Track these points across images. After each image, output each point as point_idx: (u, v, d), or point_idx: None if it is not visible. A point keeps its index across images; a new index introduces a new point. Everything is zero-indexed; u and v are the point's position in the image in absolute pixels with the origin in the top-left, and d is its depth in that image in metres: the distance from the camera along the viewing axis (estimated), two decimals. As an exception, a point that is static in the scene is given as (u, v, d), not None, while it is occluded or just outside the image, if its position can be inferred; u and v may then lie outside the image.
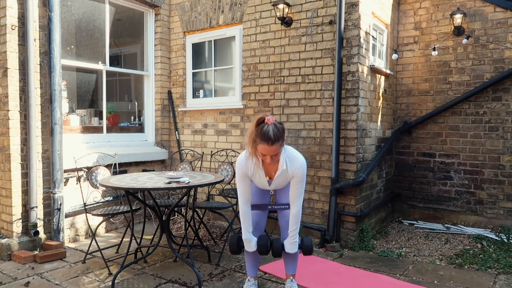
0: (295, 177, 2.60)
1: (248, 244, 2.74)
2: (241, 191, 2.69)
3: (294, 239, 2.71)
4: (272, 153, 2.41)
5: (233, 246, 2.79)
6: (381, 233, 4.54)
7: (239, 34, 4.81)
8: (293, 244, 2.72)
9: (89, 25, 5.07)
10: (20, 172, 3.78)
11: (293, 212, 2.67)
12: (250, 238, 2.73)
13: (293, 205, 2.67)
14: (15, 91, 3.73)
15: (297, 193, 2.64)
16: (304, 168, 2.60)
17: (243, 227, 2.73)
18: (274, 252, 2.74)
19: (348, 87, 4.04)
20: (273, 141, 2.35)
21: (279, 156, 2.51)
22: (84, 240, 4.29)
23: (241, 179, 2.65)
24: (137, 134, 5.33)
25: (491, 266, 3.49)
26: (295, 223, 2.68)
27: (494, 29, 4.51)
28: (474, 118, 4.68)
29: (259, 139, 2.38)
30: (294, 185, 2.63)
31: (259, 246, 2.71)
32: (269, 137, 2.34)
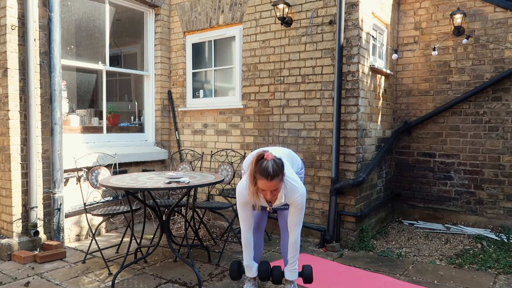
0: (293, 205, 2.61)
1: (249, 270, 2.80)
2: (242, 219, 2.70)
3: (293, 266, 2.74)
4: (272, 188, 2.42)
5: (233, 272, 2.84)
6: (381, 233, 4.54)
7: (239, 34, 4.81)
8: (292, 272, 2.76)
9: (89, 25, 5.07)
10: (20, 172, 3.78)
11: (291, 240, 2.69)
12: (251, 265, 2.79)
13: (292, 233, 2.68)
14: (15, 91, 3.73)
15: (296, 220, 2.65)
16: (303, 198, 2.59)
17: (244, 254, 2.77)
18: (274, 279, 2.81)
19: (348, 87, 4.04)
20: (272, 176, 2.37)
21: (278, 191, 2.50)
22: (84, 240, 4.30)
23: (243, 207, 2.66)
24: (137, 134, 5.33)
25: (491, 266, 3.49)
26: (294, 250, 2.70)
27: (494, 29, 4.51)
28: (474, 118, 4.68)
29: (258, 175, 2.41)
30: (293, 212, 2.63)
31: (260, 273, 2.79)
32: (268, 172, 2.37)
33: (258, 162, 2.44)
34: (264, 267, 2.79)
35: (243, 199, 2.62)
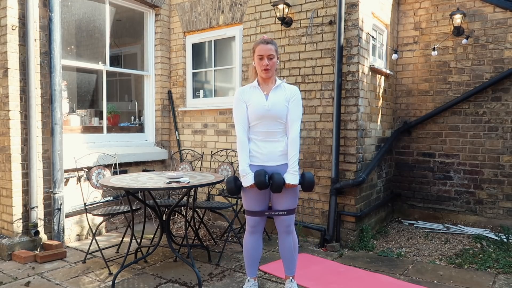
0: (292, 100, 2.69)
1: (245, 178, 2.62)
2: (237, 119, 2.72)
3: (294, 168, 2.62)
4: (268, 52, 2.64)
5: (230, 184, 2.69)
6: (381, 233, 4.54)
7: (239, 34, 4.82)
8: (293, 174, 2.61)
9: (89, 25, 5.07)
10: (21, 172, 3.79)
11: (291, 136, 2.66)
12: (247, 170, 2.63)
13: (291, 129, 2.67)
14: (16, 91, 3.74)
15: (295, 115, 2.69)
16: (298, 92, 2.76)
17: (240, 158, 2.67)
18: (274, 185, 2.58)
19: (348, 87, 4.04)
20: (268, 41, 2.68)
21: (274, 63, 2.67)
22: (84, 240, 4.30)
23: (237, 105, 2.73)
24: (137, 134, 5.34)
25: (490, 266, 3.49)
26: (294, 149, 2.65)
27: (493, 29, 4.52)
28: (474, 118, 4.68)
29: (256, 44, 2.70)
30: (292, 107, 2.68)
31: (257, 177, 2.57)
32: (265, 39, 2.69)
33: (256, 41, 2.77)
34: (262, 172, 2.58)
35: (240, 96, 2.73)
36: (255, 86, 2.75)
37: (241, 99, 2.73)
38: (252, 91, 2.74)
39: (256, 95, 2.72)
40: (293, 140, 2.67)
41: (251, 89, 2.75)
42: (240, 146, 2.69)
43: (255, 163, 2.71)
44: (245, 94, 2.74)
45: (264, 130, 2.69)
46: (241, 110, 2.72)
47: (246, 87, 2.79)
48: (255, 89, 2.74)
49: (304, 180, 2.69)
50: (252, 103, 2.70)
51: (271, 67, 2.67)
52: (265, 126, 2.69)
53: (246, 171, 2.64)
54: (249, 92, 2.74)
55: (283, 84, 2.76)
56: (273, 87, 2.73)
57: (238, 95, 2.76)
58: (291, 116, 2.69)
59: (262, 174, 2.58)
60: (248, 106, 2.71)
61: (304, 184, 2.69)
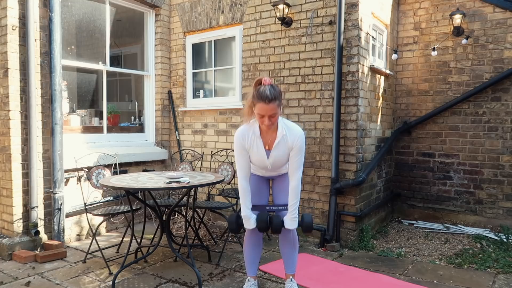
0: (294, 148, 2.59)
1: (247, 221, 2.68)
2: (239, 166, 2.67)
3: (293, 214, 2.66)
4: (270, 112, 2.43)
5: (232, 224, 2.74)
6: (381, 233, 4.55)
7: (239, 34, 4.82)
8: (293, 220, 2.66)
9: (89, 26, 5.08)
10: (21, 172, 3.79)
11: (292, 185, 2.64)
12: (249, 215, 2.68)
13: (292, 178, 2.64)
14: (16, 91, 3.75)
15: (297, 164, 2.62)
16: (303, 139, 2.59)
17: (242, 204, 2.70)
18: (273, 228, 2.67)
19: (348, 87, 4.05)
20: (270, 99, 2.39)
21: (276, 119, 2.51)
22: (84, 240, 4.31)
23: (239, 152, 2.65)
24: (137, 134, 5.34)
25: (490, 266, 3.50)
26: (295, 197, 2.65)
27: (493, 29, 4.52)
28: (474, 118, 4.69)
29: (256, 100, 2.44)
30: (293, 157, 2.61)
31: (259, 223, 2.65)
32: (266, 95, 2.39)
33: (256, 88, 2.47)
34: (263, 217, 2.65)
35: (241, 142, 2.62)
36: (257, 135, 2.62)
37: (243, 145, 2.63)
38: (253, 139, 2.62)
39: (257, 147, 2.64)
40: (294, 189, 2.65)
41: (252, 136, 2.61)
42: (242, 192, 2.69)
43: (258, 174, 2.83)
44: (246, 140, 2.63)
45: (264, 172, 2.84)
46: (243, 158, 2.66)
47: (247, 132, 2.63)
48: (256, 138, 2.62)
49: (303, 223, 2.73)
50: (253, 154, 2.67)
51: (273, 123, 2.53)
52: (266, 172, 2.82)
53: (248, 216, 2.70)
54: (250, 140, 2.63)
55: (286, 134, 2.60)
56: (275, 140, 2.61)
57: (239, 140, 2.63)
58: (292, 165, 2.64)
59: (264, 221, 2.65)
60: (249, 153, 2.67)
61: (303, 226, 2.74)
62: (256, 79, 2.53)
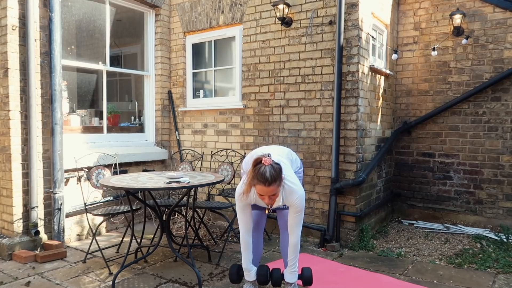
0: (292, 207, 2.58)
1: (247, 274, 2.77)
2: (242, 221, 2.69)
3: (293, 268, 2.73)
4: (270, 193, 2.40)
5: (233, 275, 2.82)
6: (381, 233, 4.55)
7: (239, 34, 4.82)
8: (292, 274, 2.74)
9: (89, 26, 5.08)
10: (21, 172, 3.79)
11: (291, 242, 2.67)
12: (250, 268, 2.77)
13: (292, 234, 2.66)
14: (16, 91, 3.74)
15: (295, 222, 2.63)
16: (302, 201, 2.56)
17: (243, 257, 2.76)
18: (273, 282, 2.77)
19: (348, 87, 4.05)
20: (270, 182, 2.34)
21: (277, 196, 2.49)
22: (84, 239, 4.30)
23: (242, 210, 2.66)
24: (137, 134, 5.34)
25: (490, 266, 3.50)
26: (294, 252, 2.69)
27: (493, 29, 4.52)
28: (474, 118, 4.69)
29: (256, 180, 2.38)
30: (292, 214, 2.61)
31: (259, 276, 2.75)
32: (266, 178, 2.33)
33: (255, 167, 2.40)
34: (263, 270, 2.74)
35: (242, 201, 2.62)
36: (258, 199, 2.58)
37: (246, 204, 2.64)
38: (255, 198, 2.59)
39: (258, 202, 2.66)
40: (293, 245, 2.67)
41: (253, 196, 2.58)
42: (244, 246, 2.73)
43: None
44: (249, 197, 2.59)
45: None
46: (245, 215, 2.67)
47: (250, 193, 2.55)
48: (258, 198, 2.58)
49: (303, 277, 2.77)
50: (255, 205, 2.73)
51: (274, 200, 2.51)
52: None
53: (249, 269, 2.76)
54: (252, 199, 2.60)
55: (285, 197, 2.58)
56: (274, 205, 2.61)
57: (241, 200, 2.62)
58: (290, 222, 2.64)
59: (264, 274, 2.73)
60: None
61: (303, 280, 2.78)
62: (255, 158, 2.44)
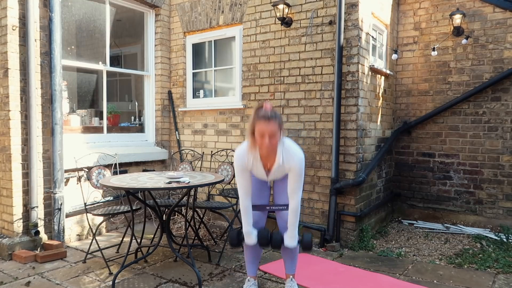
0: (292, 171, 2.60)
1: (248, 237, 2.73)
2: (241, 185, 2.70)
3: (293, 233, 2.70)
4: (270, 132, 2.45)
5: (233, 240, 2.79)
6: (381, 233, 4.55)
7: (239, 34, 4.82)
8: (292, 238, 2.71)
9: (89, 26, 5.08)
10: (21, 172, 3.79)
11: (292, 207, 2.67)
12: (250, 231, 2.72)
13: (292, 199, 2.66)
14: (16, 91, 3.75)
15: (295, 187, 2.63)
16: (301, 163, 2.59)
17: (243, 220, 2.73)
18: (273, 244, 2.73)
19: (348, 87, 4.05)
20: (270, 117, 2.46)
21: (276, 142, 2.51)
22: (84, 239, 4.31)
23: (240, 172, 2.67)
24: (137, 134, 5.34)
25: (490, 266, 3.50)
26: (294, 217, 2.68)
27: (493, 30, 4.52)
28: (474, 118, 4.69)
29: (257, 119, 2.48)
30: (291, 178, 2.62)
31: (259, 238, 2.72)
32: (266, 115, 2.47)
33: (257, 111, 2.53)
34: (264, 233, 2.72)
35: (242, 162, 2.64)
36: (257, 160, 2.64)
37: (243, 165, 2.65)
38: (254, 162, 2.65)
39: (257, 168, 2.68)
40: (293, 210, 2.67)
41: (252, 160, 2.64)
42: (244, 211, 2.72)
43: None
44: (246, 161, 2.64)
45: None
46: (244, 178, 2.68)
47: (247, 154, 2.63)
48: (257, 162, 2.65)
49: (303, 242, 2.77)
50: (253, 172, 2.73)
51: (273, 146, 2.55)
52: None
53: (249, 232, 2.73)
54: (251, 162, 2.64)
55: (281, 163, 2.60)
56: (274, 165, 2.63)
57: (239, 160, 2.65)
58: (290, 188, 2.65)
59: (265, 237, 2.72)
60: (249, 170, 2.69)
61: (302, 245, 2.78)
62: (257, 106, 2.57)
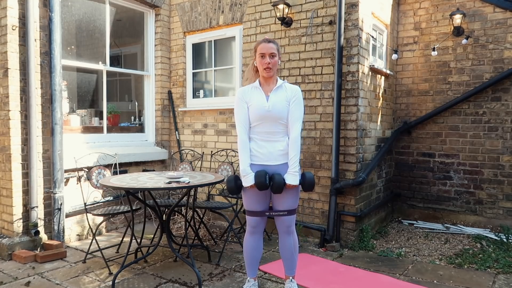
0: (292, 99, 2.68)
1: (245, 178, 2.63)
2: (238, 119, 2.72)
3: (294, 168, 2.61)
4: (270, 51, 2.65)
5: (230, 183, 2.69)
6: (381, 233, 4.55)
7: (239, 34, 4.82)
8: (294, 175, 2.61)
9: (89, 26, 5.08)
10: (21, 172, 3.79)
11: (292, 136, 2.65)
12: (247, 170, 2.63)
13: (292, 129, 2.66)
14: (16, 91, 3.74)
15: (296, 115, 2.68)
16: (300, 93, 2.75)
17: (240, 158, 2.67)
18: (275, 186, 2.58)
19: (348, 87, 4.05)
20: (269, 40, 2.71)
21: (276, 62, 2.69)
22: (84, 239, 4.30)
23: (239, 105, 2.73)
24: (137, 134, 5.34)
25: (490, 266, 3.50)
26: (295, 149, 2.64)
27: (493, 30, 4.52)
28: (474, 118, 4.68)
29: (258, 44, 2.71)
30: (293, 107, 2.67)
31: (257, 178, 2.57)
32: (266, 38, 2.73)
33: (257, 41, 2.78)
34: (262, 173, 2.58)
35: (241, 95, 2.74)
36: (256, 87, 2.75)
37: (242, 99, 2.73)
38: (253, 91, 2.74)
39: (257, 96, 2.72)
40: (293, 140, 2.66)
41: (252, 89, 2.75)
42: (241, 146, 2.69)
43: (256, 162, 2.71)
44: (246, 94, 2.74)
45: (265, 130, 2.70)
46: (242, 110, 2.72)
47: (247, 87, 2.78)
48: (256, 89, 2.74)
49: (305, 180, 2.68)
50: (253, 104, 2.70)
51: (272, 66, 2.67)
52: (266, 126, 2.70)
53: (246, 171, 2.65)
54: (250, 92, 2.74)
55: (284, 84, 2.76)
56: (274, 87, 2.73)
57: (239, 95, 2.76)
58: (291, 117, 2.68)
59: (263, 175, 2.58)
60: (249, 106, 2.72)
61: (305, 184, 2.69)
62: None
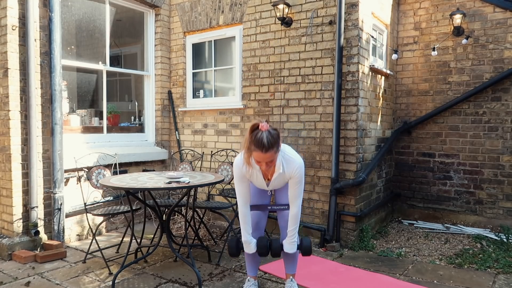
0: (292, 178, 2.59)
1: (247, 246, 2.74)
2: (239, 193, 2.68)
3: (293, 239, 2.71)
4: (267, 160, 2.39)
5: (232, 249, 2.79)
6: (381, 233, 4.55)
7: (239, 34, 4.82)
8: (292, 244, 2.72)
9: (89, 26, 5.08)
10: (21, 172, 3.79)
11: (292, 213, 2.67)
12: (249, 240, 2.73)
13: (292, 205, 2.67)
14: (16, 91, 3.74)
15: (296, 194, 2.63)
16: (301, 170, 2.57)
17: (242, 229, 2.73)
18: (273, 252, 2.74)
19: (348, 87, 4.05)
20: (267, 148, 2.32)
21: (274, 163, 2.50)
22: (84, 240, 4.30)
23: (239, 181, 2.65)
24: (137, 134, 5.34)
25: (490, 266, 3.50)
26: (294, 223, 2.68)
27: (493, 29, 4.52)
28: (474, 118, 4.68)
29: (253, 146, 2.36)
30: (292, 186, 2.62)
31: (259, 248, 2.71)
32: (263, 144, 2.31)
33: (252, 133, 2.36)
34: (263, 242, 2.70)
35: (241, 172, 2.61)
36: (256, 169, 2.59)
37: (243, 174, 2.62)
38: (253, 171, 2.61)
39: (256, 177, 2.66)
40: (293, 216, 2.67)
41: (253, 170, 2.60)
42: (242, 219, 2.71)
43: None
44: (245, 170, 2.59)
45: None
46: (243, 185, 2.66)
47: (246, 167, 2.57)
48: (256, 171, 2.61)
49: (302, 247, 2.75)
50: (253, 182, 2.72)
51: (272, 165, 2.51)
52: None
53: (248, 241, 2.73)
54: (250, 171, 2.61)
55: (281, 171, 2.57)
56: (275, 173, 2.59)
57: (239, 168, 2.60)
58: (291, 194, 2.65)
59: (264, 246, 2.70)
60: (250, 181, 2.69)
61: (302, 250, 2.76)
62: (252, 124, 2.40)
